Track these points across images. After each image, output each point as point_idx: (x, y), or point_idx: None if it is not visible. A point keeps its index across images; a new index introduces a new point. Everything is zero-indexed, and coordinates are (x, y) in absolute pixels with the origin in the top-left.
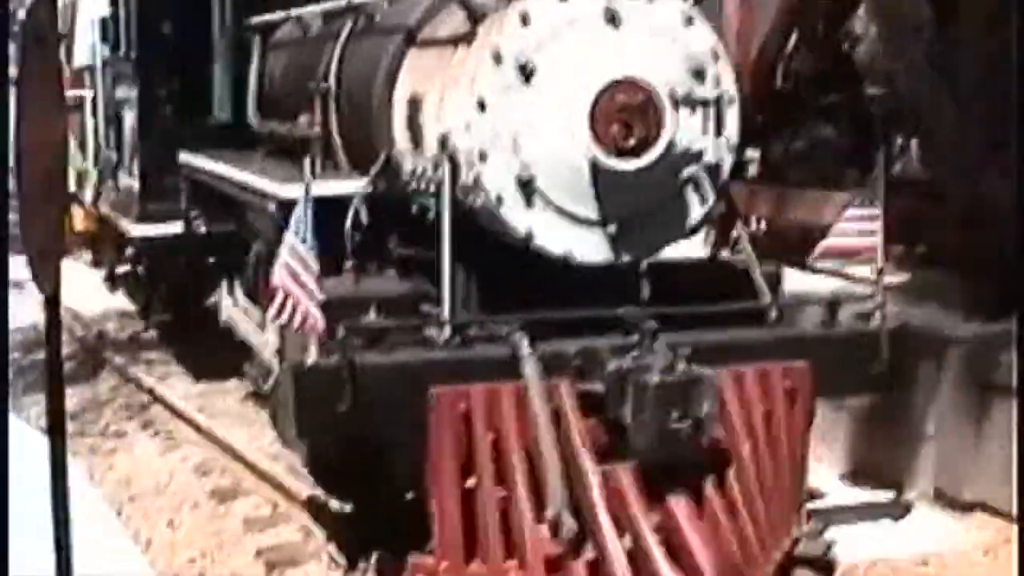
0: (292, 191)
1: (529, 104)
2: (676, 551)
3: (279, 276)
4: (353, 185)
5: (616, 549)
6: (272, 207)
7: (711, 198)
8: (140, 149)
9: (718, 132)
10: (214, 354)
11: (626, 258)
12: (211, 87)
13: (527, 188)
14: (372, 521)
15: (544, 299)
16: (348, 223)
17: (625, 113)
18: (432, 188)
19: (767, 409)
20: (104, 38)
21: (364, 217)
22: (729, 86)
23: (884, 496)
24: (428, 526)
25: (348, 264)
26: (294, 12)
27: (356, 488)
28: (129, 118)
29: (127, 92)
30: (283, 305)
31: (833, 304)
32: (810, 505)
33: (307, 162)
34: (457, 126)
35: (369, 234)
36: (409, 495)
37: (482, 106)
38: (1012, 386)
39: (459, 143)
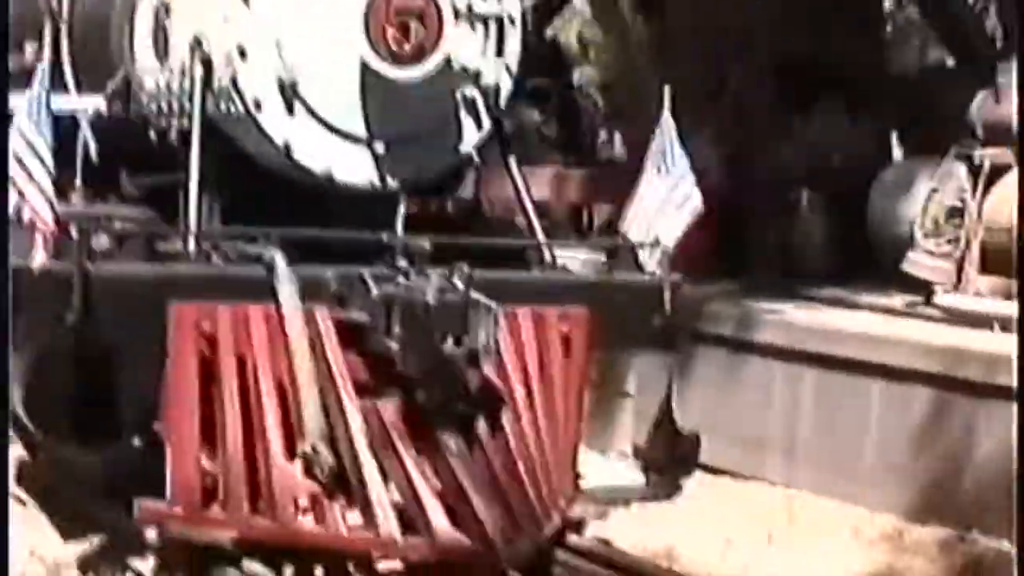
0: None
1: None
2: (449, 498)
3: (12, 149)
4: (83, 102)
5: (380, 493)
6: None
7: (486, 124)
8: None
9: (499, 53)
10: None
11: (392, 183)
12: None
13: (289, 93)
14: (95, 465)
15: (300, 222)
16: (79, 144)
17: (403, 16)
18: (177, 106)
19: (541, 354)
20: None
21: (92, 143)
22: (513, 6)
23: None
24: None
25: (77, 185)
26: None
27: (79, 424)
28: None
29: None
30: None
31: (612, 252)
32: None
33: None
34: (214, 21)
35: (102, 163)
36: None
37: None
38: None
39: (214, 40)
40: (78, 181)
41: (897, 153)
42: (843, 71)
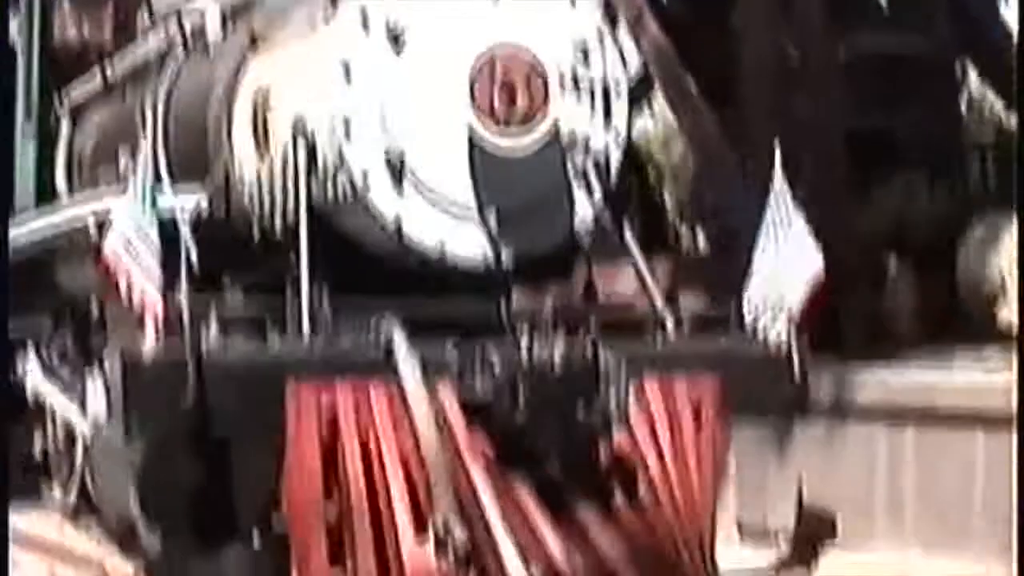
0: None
1: (400, 71)
2: (592, 573)
3: (113, 244)
4: (183, 199)
5: (519, 572)
6: (91, 228)
7: (599, 196)
8: None
9: (607, 118)
10: None
11: (506, 257)
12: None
13: (397, 168)
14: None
15: (412, 301)
16: (185, 237)
17: (509, 81)
18: (281, 196)
19: (672, 424)
20: None
21: (191, 243)
22: (618, 72)
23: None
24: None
25: (182, 282)
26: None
27: (199, 521)
28: None
29: None
30: (114, 282)
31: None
32: None
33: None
34: (315, 101)
35: (202, 262)
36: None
37: (347, 73)
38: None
39: (318, 117)
40: (183, 278)
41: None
42: (919, 138)
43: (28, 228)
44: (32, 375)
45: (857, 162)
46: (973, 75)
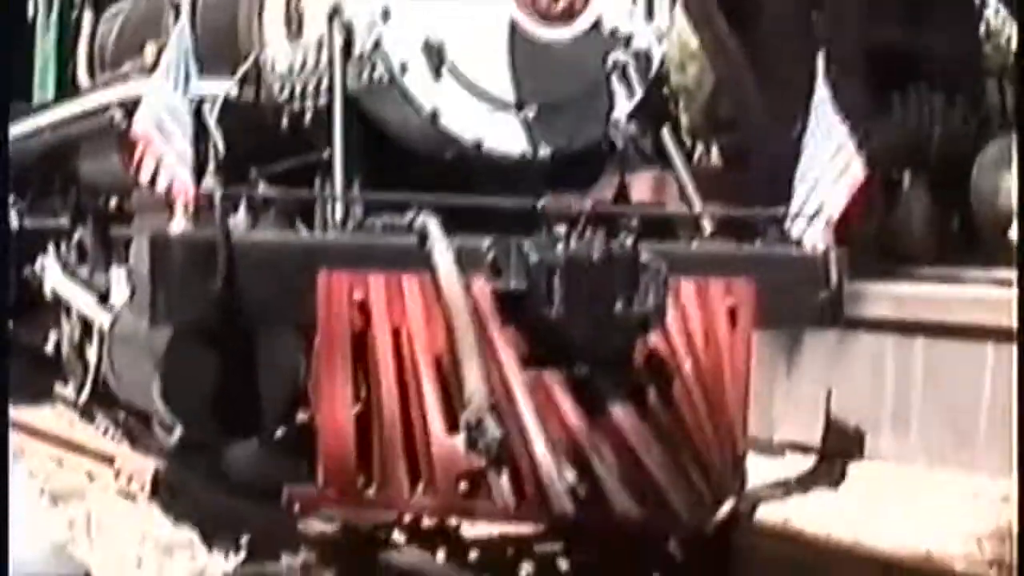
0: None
1: None
2: (625, 472)
3: (144, 124)
4: (214, 86)
5: (550, 467)
6: (117, 114)
7: (638, 91)
8: None
9: (648, 17)
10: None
11: (544, 150)
12: (31, 68)
13: (435, 56)
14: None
15: (448, 190)
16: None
17: None
18: (313, 85)
19: (706, 326)
20: None
21: (218, 132)
22: None
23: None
24: (309, 446)
25: (210, 169)
26: None
27: (225, 411)
28: None
29: None
30: (141, 164)
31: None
32: None
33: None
34: None
35: (229, 152)
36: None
37: None
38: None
39: (356, 5)
40: (210, 166)
41: None
42: (937, 60)
43: (48, 118)
44: (51, 271)
45: (876, 79)
46: (992, 4)
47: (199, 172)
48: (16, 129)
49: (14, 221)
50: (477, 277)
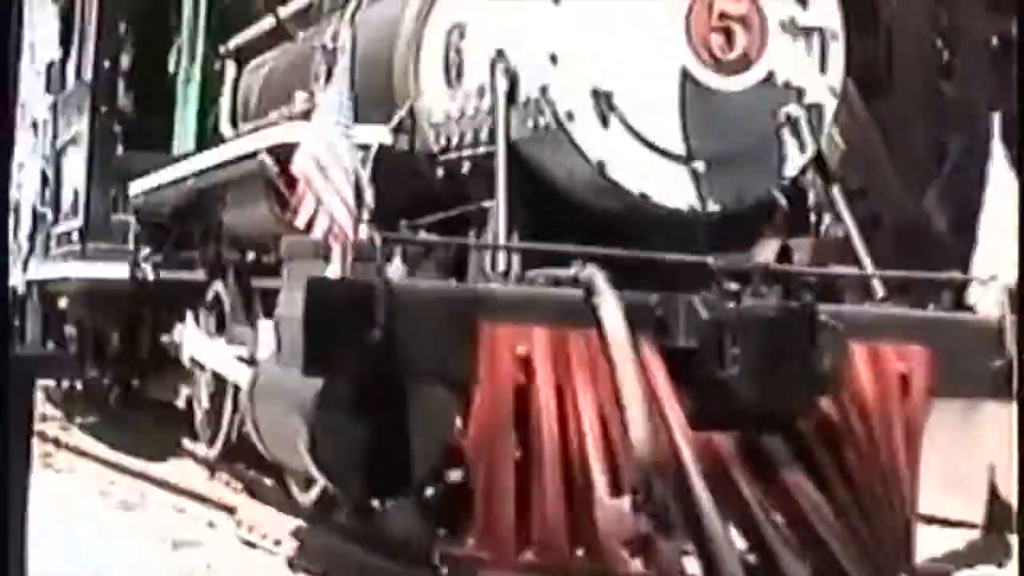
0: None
1: (611, 4)
2: (800, 541)
3: (304, 163)
4: (370, 133)
5: (719, 533)
6: (268, 160)
7: (810, 146)
8: (88, 185)
9: (822, 70)
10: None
11: (712, 206)
12: (171, 120)
13: (604, 104)
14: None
15: (612, 244)
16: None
17: (727, 21)
18: (471, 134)
19: (879, 393)
20: (49, 87)
21: (368, 183)
22: (835, 21)
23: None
24: (462, 506)
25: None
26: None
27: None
28: (74, 157)
29: (75, 126)
30: (300, 203)
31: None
32: None
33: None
34: (520, 29)
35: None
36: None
37: (556, 3)
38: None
39: (522, 47)
40: (364, 214)
41: None
42: None
43: (190, 167)
44: (189, 334)
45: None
46: None
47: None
48: (154, 180)
49: (149, 274)
50: (645, 334)
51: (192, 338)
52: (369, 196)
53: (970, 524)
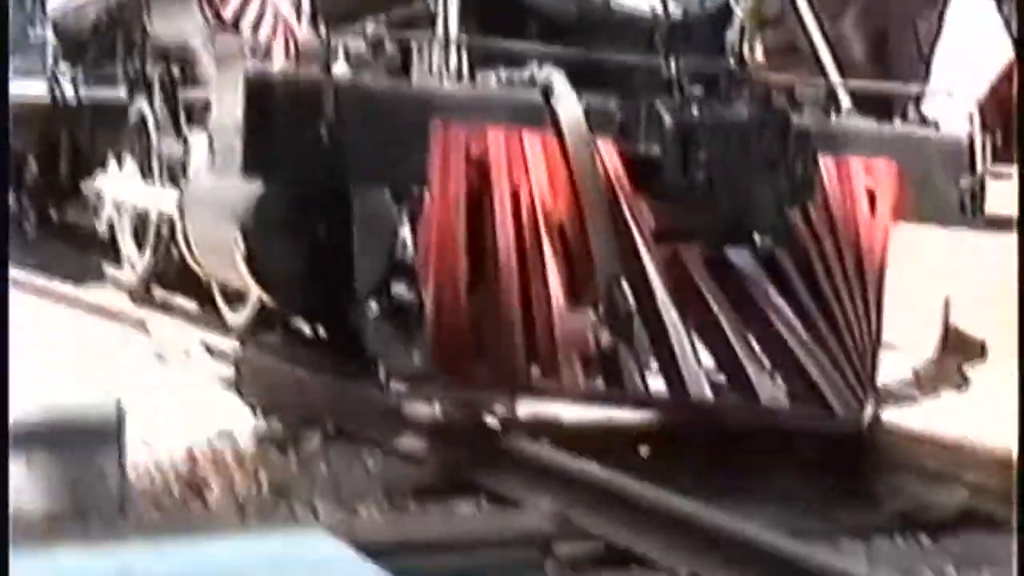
0: None
1: None
2: (772, 360)
3: None
4: None
5: (686, 348)
6: None
7: None
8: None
9: None
10: None
11: (675, 9)
12: None
13: None
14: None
15: (571, 46)
16: None
17: None
18: None
19: (847, 208)
20: None
21: None
22: None
23: None
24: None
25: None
26: None
27: (317, 280)
28: None
29: None
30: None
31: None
32: None
33: None
34: None
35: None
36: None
37: None
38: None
39: None
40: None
41: None
42: None
43: None
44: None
45: None
46: None
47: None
48: None
49: (68, 91)
50: (605, 140)
51: (115, 184)
52: None
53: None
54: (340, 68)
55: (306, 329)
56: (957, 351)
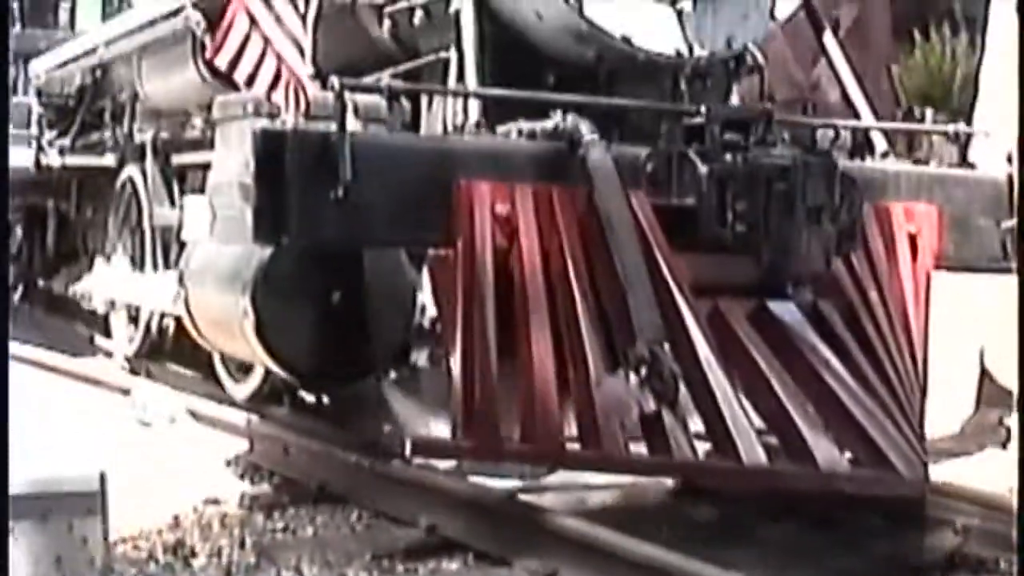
0: None
1: None
2: (827, 418)
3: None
4: None
5: (736, 411)
6: (194, 16)
7: None
8: None
9: None
10: None
11: (700, 51)
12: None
13: None
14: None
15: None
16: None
17: None
18: None
19: (888, 254)
20: None
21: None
22: None
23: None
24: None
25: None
26: None
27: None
28: None
29: None
30: (245, 45)
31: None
32: None
33: None
34: None
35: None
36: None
37: None
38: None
39: None
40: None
41: None
42: None
43: (98, 37)
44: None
45: None
46: None
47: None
48: (58, 55)
49: (55, 161)
50: (636, 192)
51: (104, 284)
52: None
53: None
54: (351, 124)
55: (312, 399)
56: (995, 403)
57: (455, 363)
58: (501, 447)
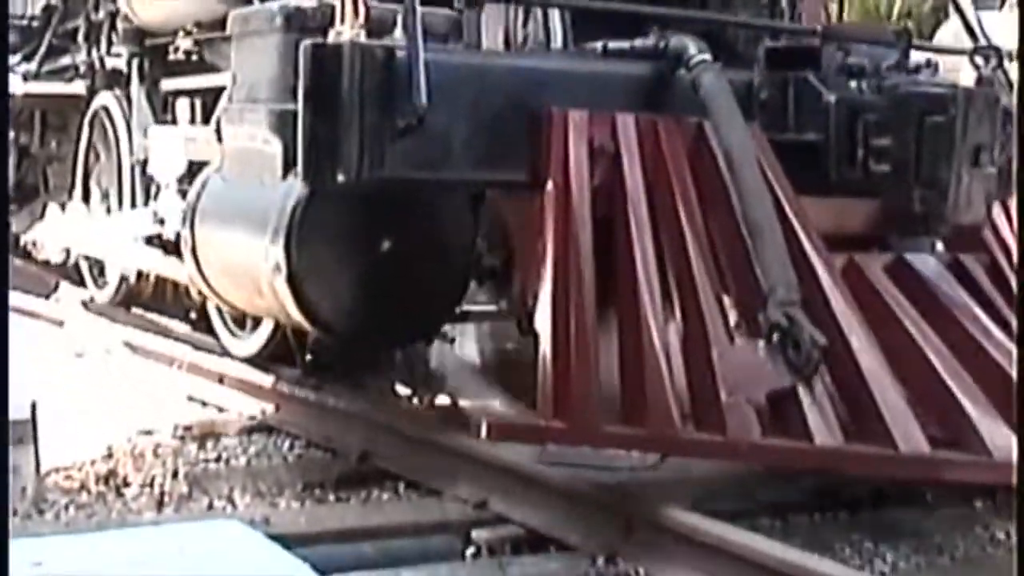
0: None
1: None
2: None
3: None
4: None
5: (885, 385)
6: None
7: None
8: None
9: None
10: None
11: None
12: None
13: None
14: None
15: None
16: None
17: None
18: None
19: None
20: None
21: None
22: None
23: None
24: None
25: None
26: None
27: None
28: None
29: None
30: None
31: None
32: None
33: None
34: None
35: None
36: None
37: None
38: None
39: None
40: None
41: None
42: None
43: None
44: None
45: None
46: None
47: None
48: None
49: (18, 88)
50: (751, 125)
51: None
52: None
53: None
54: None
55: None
56: None
57: (542, 327)
58: (601, 431)
